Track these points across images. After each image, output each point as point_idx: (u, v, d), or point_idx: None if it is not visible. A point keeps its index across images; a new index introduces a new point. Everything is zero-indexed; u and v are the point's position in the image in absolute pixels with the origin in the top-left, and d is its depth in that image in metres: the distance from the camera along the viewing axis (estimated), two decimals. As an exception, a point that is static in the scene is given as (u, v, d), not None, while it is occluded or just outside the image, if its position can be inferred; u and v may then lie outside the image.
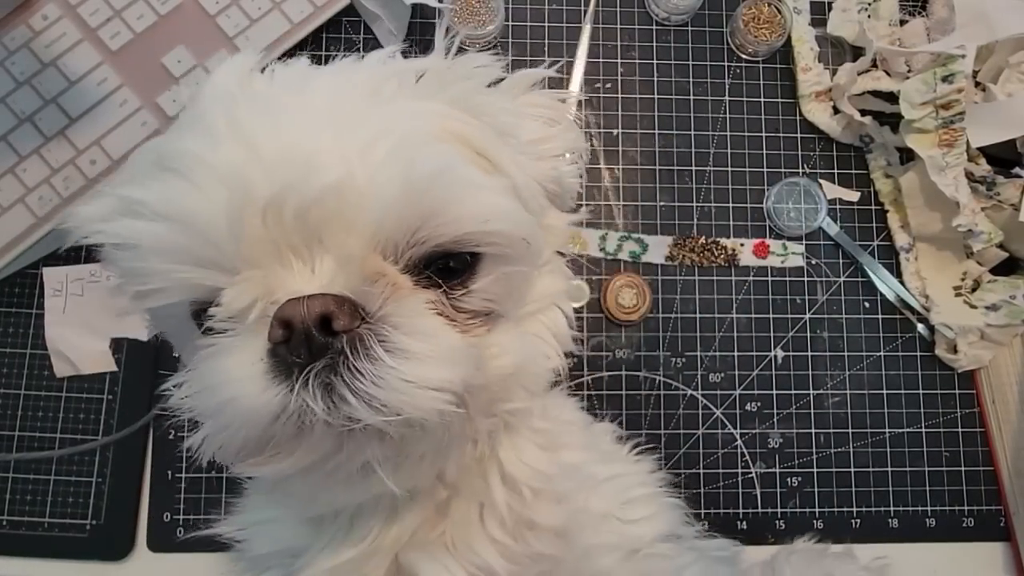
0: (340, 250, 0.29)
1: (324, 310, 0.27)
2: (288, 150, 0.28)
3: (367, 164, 0.28)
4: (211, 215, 0.28)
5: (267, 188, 0.28)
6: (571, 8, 0.69)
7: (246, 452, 0.29)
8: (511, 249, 0.33)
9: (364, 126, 0.29)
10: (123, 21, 0.62)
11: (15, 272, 0.62)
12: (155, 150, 0.31)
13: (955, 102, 0.60)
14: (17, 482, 0.61)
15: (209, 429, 0.29)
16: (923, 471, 0.65)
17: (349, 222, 0.28)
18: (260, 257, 0.29)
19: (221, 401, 0.28)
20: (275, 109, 0.30)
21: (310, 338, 0.27)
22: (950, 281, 0.66)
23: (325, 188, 0.28)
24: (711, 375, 0.66)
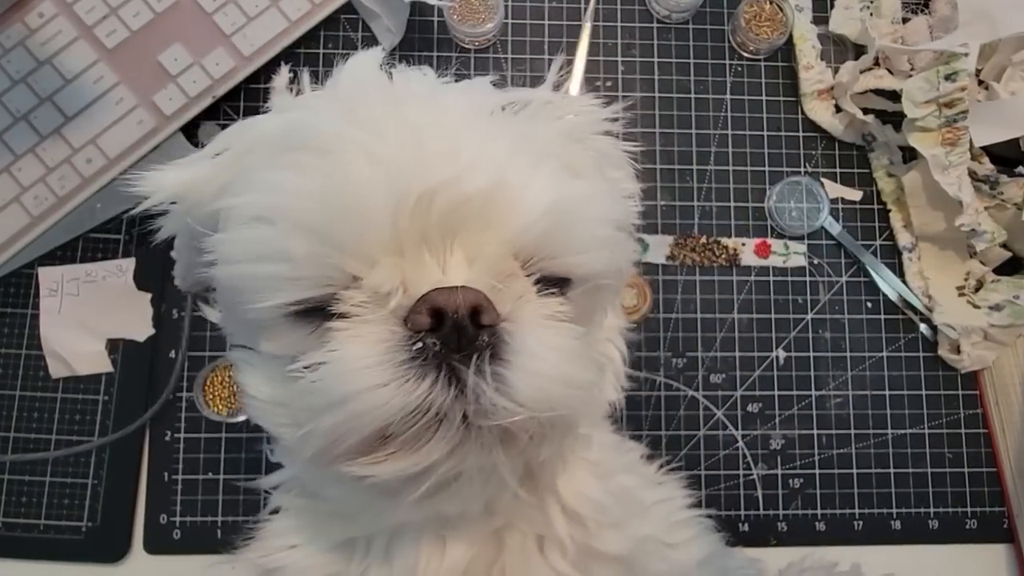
0: (475, 249, 0.29)
1: (476, 302, 0.27)
2: (448, 148, 0.28)
3: (518, 173, 0.29)
4: (372, 203, 0.28)
5: (426, 181, 0.27)
6: (571, 6, 0.68)
7: (360, 449, 0.28)
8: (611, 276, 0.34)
9: (503, 138, 0.30)
10: (119, 19, 0.62)
11: (10, 272, 0.62)
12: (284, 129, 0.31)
13: (958, 100, 0.60)
14: (12, 484, 0.61)
15: (326, 422, 0.28)
16: (926, 472, 0.65)
17: (490, 222, 0.28)
18: (404, 247, 0.28)
19: (348, 391, 0.27)
20: (428, 111, 0.30)
21: (462, 328, 0.27)
22: (953, 281, 0.65)
23: (479, 188, 0.28)
24: (712, 376, 0.65)
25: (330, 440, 0.28)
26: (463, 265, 0.28)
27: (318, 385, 0.28)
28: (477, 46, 0.67)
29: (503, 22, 0.67)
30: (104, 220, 0.62)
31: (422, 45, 0.67)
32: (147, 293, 0.63)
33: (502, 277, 0.29)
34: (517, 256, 0.30)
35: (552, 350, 0.29)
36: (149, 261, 0.63)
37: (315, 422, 0.28)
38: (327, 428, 0.28)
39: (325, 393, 0.28)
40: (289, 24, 0.63)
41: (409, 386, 0.27)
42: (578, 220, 0.30)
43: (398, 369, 0.27)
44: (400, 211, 0.27)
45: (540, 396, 0.28)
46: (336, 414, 0.27)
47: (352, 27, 0.67)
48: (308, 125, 0.30)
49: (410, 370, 0.27)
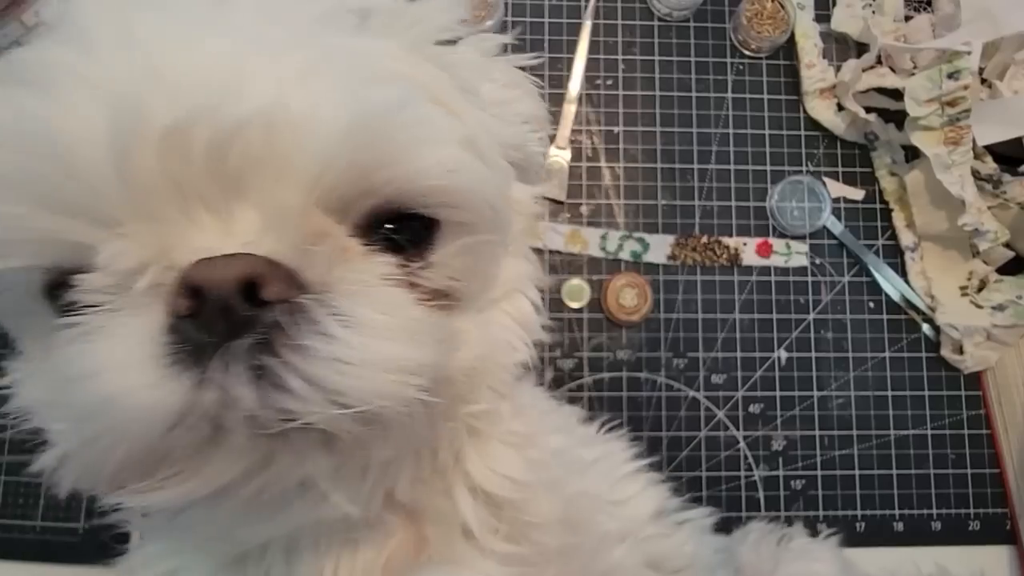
0: (268, 202, 0.22)
1: (249, 271, 0.21)
2: (201, 68, 0.21)
3: (306, 92, 0.22)
4: (86, 143, 0.21)
5: (168, 113, 0.20)
6: (571, 4, 0.68)
7: (129, 474, 0.22)
8: (474, 215, 0.27)
9: (302, 52, 0.23)
10: (116, 17, 0.61)
11: (7, 272, 0.61)
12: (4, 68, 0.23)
13: (961, 99, 0.60)
14: (8, 485, 0.60)
15: (74, 441, 0.22)
16: (928, 473, 0.65)
17: (281, 165, 0.22)
18: (155, 206, 0.21)
19: (95, 399, 0.21)
20: (185, 18, 0.23)
21: (228, 310, 0.21)
22: (956, 281, 0.65)
23: (249, 117, 0.21)
24: (713, 376, 0.65)
25: (86, 462, 0.22)
26: (255, 224, 0.22)
27: (58, 391, 0.22)
28: (477, 44, 0.67)
29: (503, 20, 0.67)
30: None
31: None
32: None
33: (309, 235, 0.22)
34: (325, 204, 0.23)
35: (367, 328, 0.22)
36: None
37: (63, 441, 0.23)
38: (77, 447, 0.22)
39: (66, 402, 0.22)
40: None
41: (171, 385, 0.21)
42: (396, 137, 0.23)
43: (159, 365, 0.21)
44: (135, 154, 0.21)
45: (345, 388, 0.21)
46: (83, 430, 0.22)
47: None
48: (32, 56, 0.23)
49: (177, 365, 0.21)
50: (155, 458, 0.22)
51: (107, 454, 0.22)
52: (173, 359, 0.21)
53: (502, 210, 0.29)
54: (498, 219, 0.29)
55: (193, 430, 0.21)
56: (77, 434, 0.22)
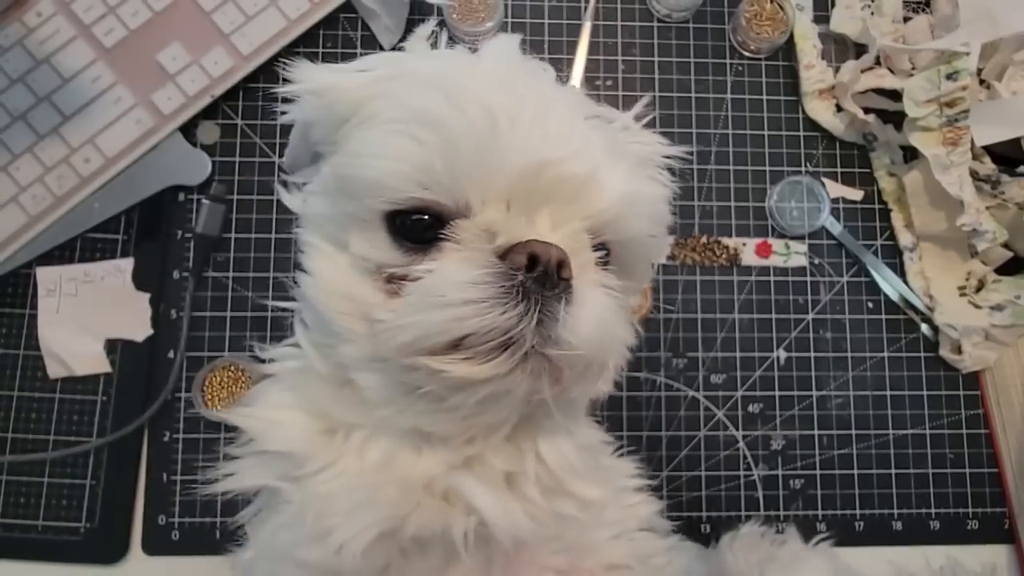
0: (560, 218, 0.35)
1: (562, 258, 0.33)
2: (566, 132, 0.35)
3: (607, 166, 0.36)
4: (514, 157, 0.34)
5: (545, 155, 0.34)
6: (571, 5, 0.68)
7: (442, 348, 0.33)
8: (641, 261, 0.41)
9: (601, 138, 0.37)
10: (117, 18, 0.61)
11: (8, 272, 0.61)
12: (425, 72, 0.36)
13: (959, 100, 0.60)
14: (10, 484, 0.61)
15: (426, 317, 0.33)
16: (927, 473, 0.65)
17: (577, 200, 0.35)
18: (511, 201, 0.35)
19: (459, 298, 0.32)
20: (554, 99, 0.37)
21: (548, 275, 0.33)
22: (954, 281, 0.65)
23: (580, 173, 0.35)
24: (713, 376, 0.65)
25: (422, 335, 0.33)
26: (547, 228, 0.35)
27: (425, 287, 0.33)
28: (477, 46, 0.67)
29: (503, 21, 0.67)
30: (102, 220, 0.62)
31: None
32: (145, 293, 0.63)
33: (575, 245, 0.35)
34: (589, 231, 0.36)
35: (603, 307, 0.35)
36: (147, 261, 0.63)
37: (415, 317, 0.33)
38: (425, 324, 0.33)
39: (430, 295, 0.33)
40: (288, 23, 0.63)
41: (500, 309, 0.32)
42: (640, 210, 0.38)
43: (493, 292, 0.33)
44: (523, 172, 0.34)
45: (591, 338, 0.34)
46: (436, 315, 0.33)
47: (351, 26, 0.67)
48: (453, 77, 0.35)
49: (502, 296, 0.33)
50: (455, 348, 0.33)
51: (444, 332, 0.33)
52: (505, 293, 0.33)
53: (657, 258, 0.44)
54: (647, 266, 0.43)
55: (500, 338, 0.33)
56: (427, 314, 0.33)
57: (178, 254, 0.64)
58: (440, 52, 0.40)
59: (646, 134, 0.44)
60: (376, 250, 0.36)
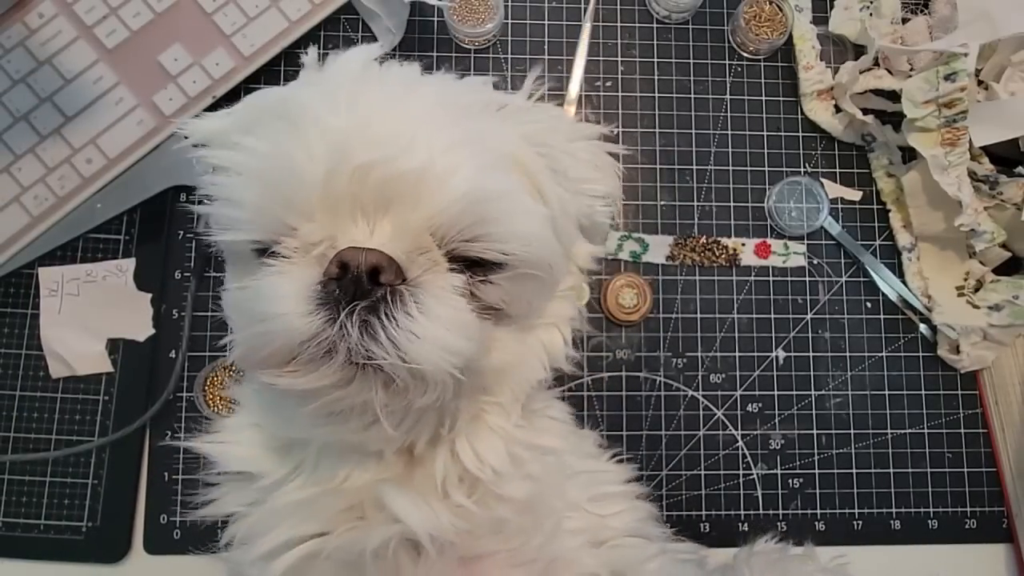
0: (400, 220, 0.34)
1: (377, 262, 0.33)
2: (389, 132, 0.34)
3: (448, 161, 0.34)
4: (314, 167, 0.33)
5: (364, 155, 0.33)
6: (571, 6, 0.68)
7: (270, 361, 0.34)
8: (536, 269, 0.38)
9: (452, 131, 0.35)
10: (119, 19, 0.62)
11: (10, 272, 0.62)
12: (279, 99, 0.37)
13: (958, 101, 0.60)
14: (12, 484, 0.61)
15: (249, 333, 0.34)
16: (925, 472, 0.65)
17: (416, 200, 0.34)
18: (336, 208, 0.34)
19: (270, 312, 0.33)
20: (387, 99, 0.35)
21: (359, 281, 0.33)
22: (953, 281, 0.65)
23: (411, 168, 0.33)
24: (712, 376, 0.65)
25: (249, 347, 0.34)
26: (388, 232, 0.34)
27: (246, 303, 0.34)
28: (477, 46, 0.67)
29: (503, 22, 0.67)
30: (104, 220, 0.62)
31: (422, 45, 0.67)
32: (147, 293, 0.63)
33: (417, 249, 0.34)
34: (434, 233, 0.35)
35: (433, 315, 0.34)
36: (149, 261, 0.63)
37: (240, 332, 0.35)
38: (247, 337, 0.34)
39: (247, 312, 0.34)
40: (289, 24, 0.63)
41: (310, 319, 0.33)
42: (495, 211, 0.35)
43: (304, 304, 0.33)
44: (333, 178, 0.33)
45: (408, 350, 0.33)
46: (253, 329, 0.34)
47: (352, 27, 0.67)
48: (292, 100, 0.35)
49: (315, 307, 0.33)
50: (289, 357, 0.33)
51: (263, 346, 0.34)
52: (318, 301, 0.33)
53: (558, 268, 0.40)
54: (553, 272, 0.40)
55: (318, 347, 0.33)
56: (249, 329, 0.34)
57: (180, 254, 0.64)
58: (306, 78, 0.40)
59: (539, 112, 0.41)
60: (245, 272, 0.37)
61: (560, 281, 0.43)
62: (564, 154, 0.41)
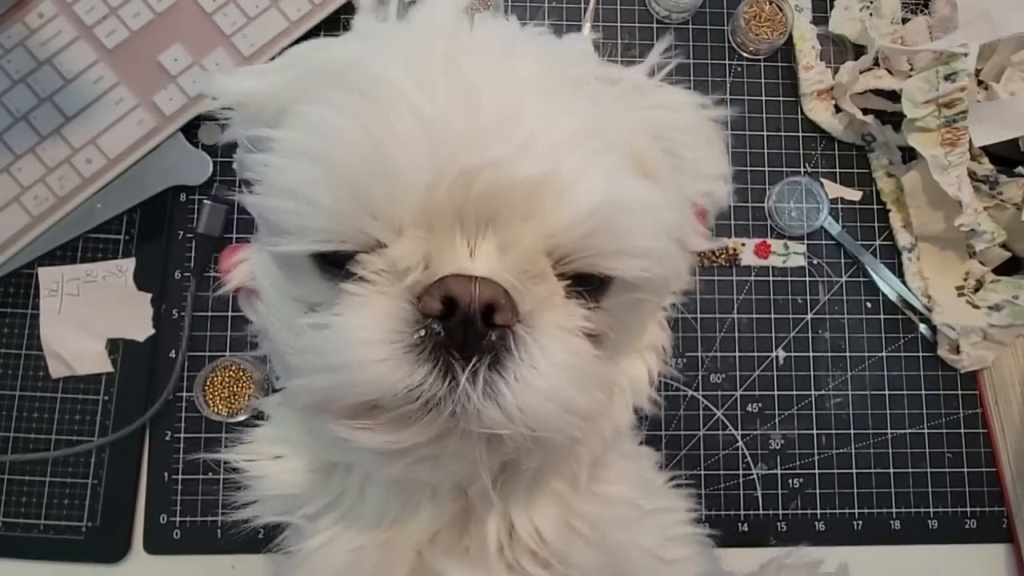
0: (509, 237, 0.27)
1: (493, 299, 0.26)
2: (503, 120, 0.26)
3: (574, 164, 0.26)
4: (409, 168, 0.26)
5: (472, 155, 0.25)
6: (571, 6, 0.68)
7: (349, 414, 0.28)
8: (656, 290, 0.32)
9: (570, 118, 0.28)
10: (119, 19, 0.62)
11: (10, 272, 0.62)
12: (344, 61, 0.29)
13: (958, 101, 0.60)
14: (12, 484, 0.61)
15: (325, 380, 0.27)
16: (925, 472, 0.65)
17: (531, 212, 0.26)
18: (435, 221, 0.27)
19: (345, 360, 0.26)
20: (490, 67, 0.28)
21: (471, 323, 0.26)
22: (953, 281, 0.65)
23: (527, 177, 0.26)
24: (712, 376, 0.65)
25: (320, 399, 0.28)
26: (493, 253, 0.27)
27: (319, 346, 0.27)
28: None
29: (503, 22, 0.67)
30: (104, 220, 0.62)
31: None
32: (147, 293, 0.63)
33: (531, 274, 0.27)
34: (552, 254, 0.28)
35: (558, 367, 0.27)
36: (149, 261, 0.63)
37: (310, 379, 0.28)
38: (319, 388, 0.27)
39: (323, 355, 0.27)
40: (289, 24, 0.63)
41: (406, 369, 0.26)
42: (628, 226, 0.28)
43: (399, 349, 0.26)
44: (436, 184, 0.26)
45: (531, 414, 0.26)
46: (330, 378, 0.27)
47: (352, 27, 0.67)
48: (366, 67, 0.28)
49: (411, 353, 0.26)
50: (373, 410, 0.27)
51: (340, 397, 0.27)
52: (414, 347, 0.26)
53: (676, 284, 0.34)
54: (668, 290, 0.34)
55: (412, 402, 0.26)
56: (323, 377, 0.27)
57: (179, 254, 0.64)
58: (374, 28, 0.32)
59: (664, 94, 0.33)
60: (301, 286, 0.31)
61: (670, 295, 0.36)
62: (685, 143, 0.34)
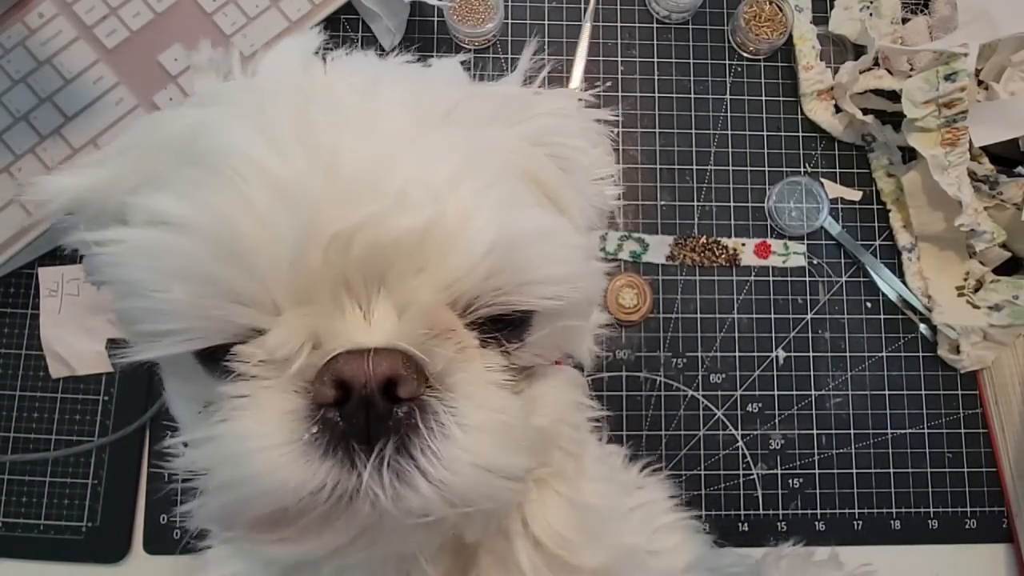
0: (404, 295, 0.24)
1: (392, 372, 0.23)
2: (370, 174, 0.24)
3: (459, 205, 0.24)
4: (269, 243, 0.23)
5: (341, 217, 0.23)
6: (571, 6, 0.68)
7: (260, 527, 0.25)
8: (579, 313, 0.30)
9: (447, 155, 0.25)
10: (119, 19, 0.62)
11: (10, 272, 0.62)
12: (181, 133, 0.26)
13: (958, 101, 0.60)
14: (12, 484, 0.61)
15: (221, 497, 0.24)
16: (925, 472, 0.65)
17: (424, 264, 0.24)
18: (312, 294, 0.24)
19: (248, 472, 0.23)
20: (351, 119, 0.25)
21: (371, 405, 0.23)
22: (953, 281, 0.65)
23: (414, 224, 0.23)
24: (712, 376, 0.65)
25: (222, 516, 0.25)
26: (391, 316, 0.24)
27: (208, 462, 0.25)
28: (477, 46, 0.67)
29: (503, 22, 0.67)
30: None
31: (422, 45, 0.67)
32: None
33: (437, 331, 0.25)
34: (455, 304, 0.25)
35: (480, 432, 0.24)
36: (149, 261, 0.63)
37: (206, 498, 0.25)
38: (219, 505, 0.25)
39: (215, 473, 0.24)
40: (289, 24, 0.63)
41: (307, 469, 0.23)
42: (529, 257, 0.26)
43: (296, 449, 0.23)
44: (305, 254, 0.23)
45: (456, 490, 0.24)
46: (224, 494, 0.24)
47: (352, 27, 0.67)
48: (211, 136, 0.25)
49: (311, 449, 0.23)
50: (284, 518, 0.24)
51: (247, 510, 0.24)
52: (312, 442, 0.23)
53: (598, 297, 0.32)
54: (589, 307, 0.32)
55: (325, 503, 0.24)
56: (222, 492, 0.24)
57: (179, 254, 0.64)
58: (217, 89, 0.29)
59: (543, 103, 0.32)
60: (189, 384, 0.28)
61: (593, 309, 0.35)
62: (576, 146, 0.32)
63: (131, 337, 0.27)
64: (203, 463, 0.25)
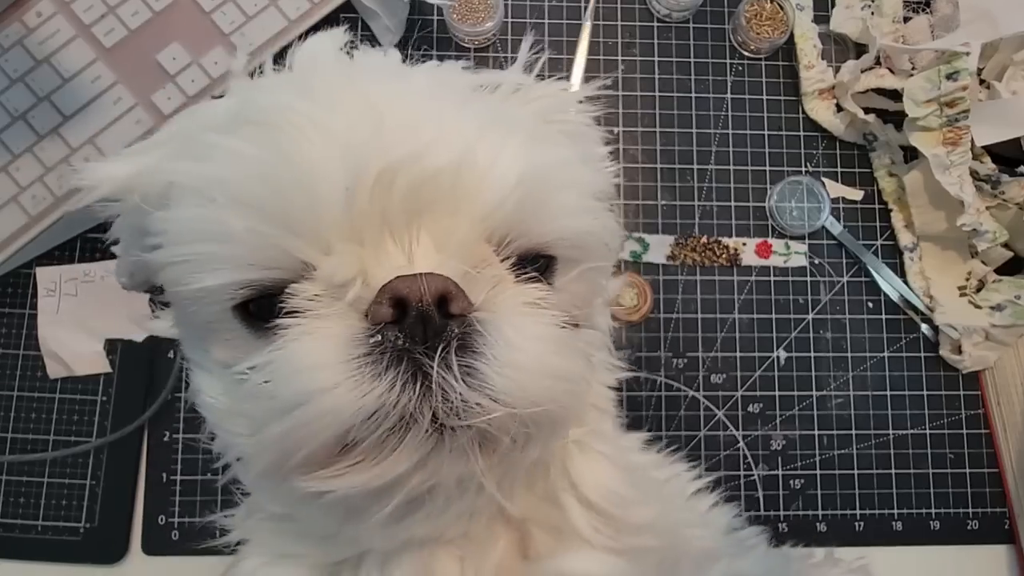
0: (443, 232, 0.26)
1: (444, 289, 0.24)
2: (406, 123, 0.26)
3: (488, 147, 0.26)
4: (324, 179, 0.25)
5: (384, 158, 0.25)
6: (571, 5, 0.68)
7: (319, 460, 0.25)
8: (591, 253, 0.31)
9: (474, 115, 0.28)
10: (117, 18, 0.61)
11: (8, 272, 0.61)
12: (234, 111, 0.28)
13: (959, 100, 0.60)
14: (10, 484, 0.61)
15: (278, 430, 0.24)
16: (927, 473, 0.65)
17: (459, 202, 0.26)
18: (361, 231, 0.25)
19: (297, 394, 0.24)
20: (387, 85, 0.28)
21: (427, 318, 0.24)
22: (954, 281, 0.65)
23: (446, 165, 0.25)
24: (713, 376, 0.65)
25: (282, 451, 0.25)
26: (431, 251, 0.26)
27: (265, 388, 0.25)
28: (477, 45, 0.67)
29: (503, 21, 0.67)
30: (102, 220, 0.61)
31: (422, 44, 0.67)
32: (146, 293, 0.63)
33: (475, 263, 0.26)
34: (490, 238, 0.27)
35: (533, 339, 0.26)
36: (147, 261, 0.63)
37: (264, 430, 0.25)
38: (277, 436, 0.25)
39: (272, 397, 0.25)
40: (288, 23, 0.63)
41: (367, 386, 0.24)
42: (553, 188, 0.28)
43: (356, 367, 0.24)
44: (356, 190, 0.25)
45: (520, 390, 0.25)
46: (286, 421, 0.24)
47: (352, 26, 0.67)
48: (260, 100, 0.27)
49: (369, 368, 0.24)
50: (340, 448, 0.25)
51: (304, 442, 0.24)
52: (372, 360, 0.24)
53: (614, 243, 0.33)
54: (608, 252, 0.33)
55: (383, 425, 0.24)
56: (278, 425, 0.24)
57: (178, 254, 0.64)
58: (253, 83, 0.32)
59: (545, 86, 0.34)
60: (235, 350, 0.28)
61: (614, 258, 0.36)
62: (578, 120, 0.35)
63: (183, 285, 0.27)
64: (260, 390, 0.25)
